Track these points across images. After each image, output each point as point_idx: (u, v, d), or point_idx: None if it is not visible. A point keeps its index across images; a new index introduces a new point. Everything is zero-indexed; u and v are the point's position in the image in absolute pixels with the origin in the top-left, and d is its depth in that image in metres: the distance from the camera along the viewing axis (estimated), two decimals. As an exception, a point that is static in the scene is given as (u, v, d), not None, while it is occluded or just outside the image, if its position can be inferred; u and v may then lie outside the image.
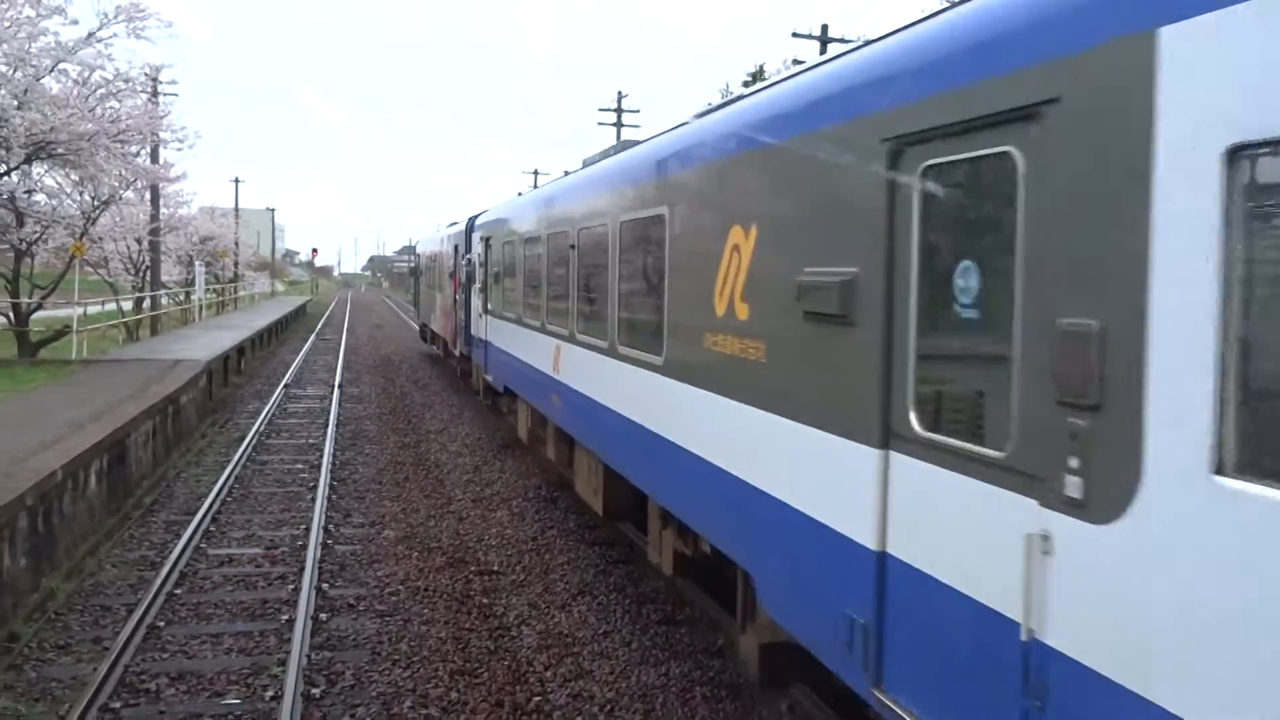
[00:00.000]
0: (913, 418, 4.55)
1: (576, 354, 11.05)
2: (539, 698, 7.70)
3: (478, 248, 19.67)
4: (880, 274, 4.76)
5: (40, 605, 9.38)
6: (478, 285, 19.69)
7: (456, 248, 23.81)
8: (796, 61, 32.08)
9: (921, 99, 4.46)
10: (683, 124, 8.35)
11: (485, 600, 9.89)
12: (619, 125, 48.15)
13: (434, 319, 31.45)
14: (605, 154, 11.68)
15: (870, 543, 4.81)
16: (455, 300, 24.03)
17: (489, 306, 18.09)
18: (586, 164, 12.28)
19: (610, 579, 10.58)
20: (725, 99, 8.06)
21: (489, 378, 18.51)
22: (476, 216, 21.26)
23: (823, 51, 31.23)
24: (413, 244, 48.31)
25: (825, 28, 33.06)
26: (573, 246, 11.16)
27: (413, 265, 53.13)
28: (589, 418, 10.56)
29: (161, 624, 9.07)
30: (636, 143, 10.18)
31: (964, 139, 4.19)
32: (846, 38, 32.27)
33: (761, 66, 43.96)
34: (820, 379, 5.38)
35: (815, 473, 5.39)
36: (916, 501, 4.52)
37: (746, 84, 41.22)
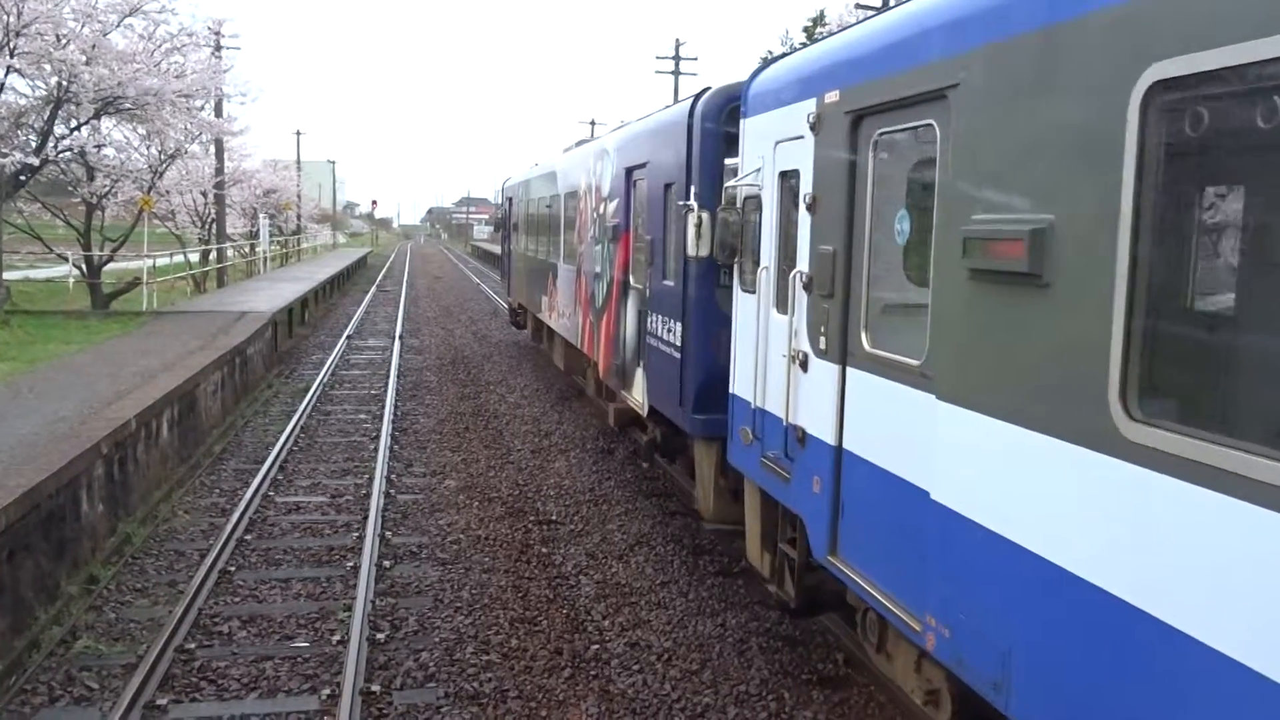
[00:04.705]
0: None
1: None
2: (597, 645, 7.83)
3: (781, 159, 7.05)
4: None
5: (118, 549, 9.73)
6: (789, 274, 6.64)
7: (629, 175, 12.10)
8: (860, 7, 31.34)
9: None
10: None
11: (544, 550, 10.05)
12: (677, 74, 47.62)
13: (549, 309, 18.83)
14: None
15: None
16: (621, 285, 12.31)
17: (858, 326, 5.74)
18: None
19: (667, 530, 10.67)
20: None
21: (875, 592, 5.49)
22: (752, 82, 7.88)
23: (885, 6, 30.34)
24: (501, 187, 30.30)
25: (889, -29, 32.17)
26: None
27: (498, 217, 34.12)
28: None
29: (233, 569, 9.37)
30: None
31: None
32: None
33: (822, 12, 43.03)
34: None
35: None
36: None
37: (807, 30, 40.42)
